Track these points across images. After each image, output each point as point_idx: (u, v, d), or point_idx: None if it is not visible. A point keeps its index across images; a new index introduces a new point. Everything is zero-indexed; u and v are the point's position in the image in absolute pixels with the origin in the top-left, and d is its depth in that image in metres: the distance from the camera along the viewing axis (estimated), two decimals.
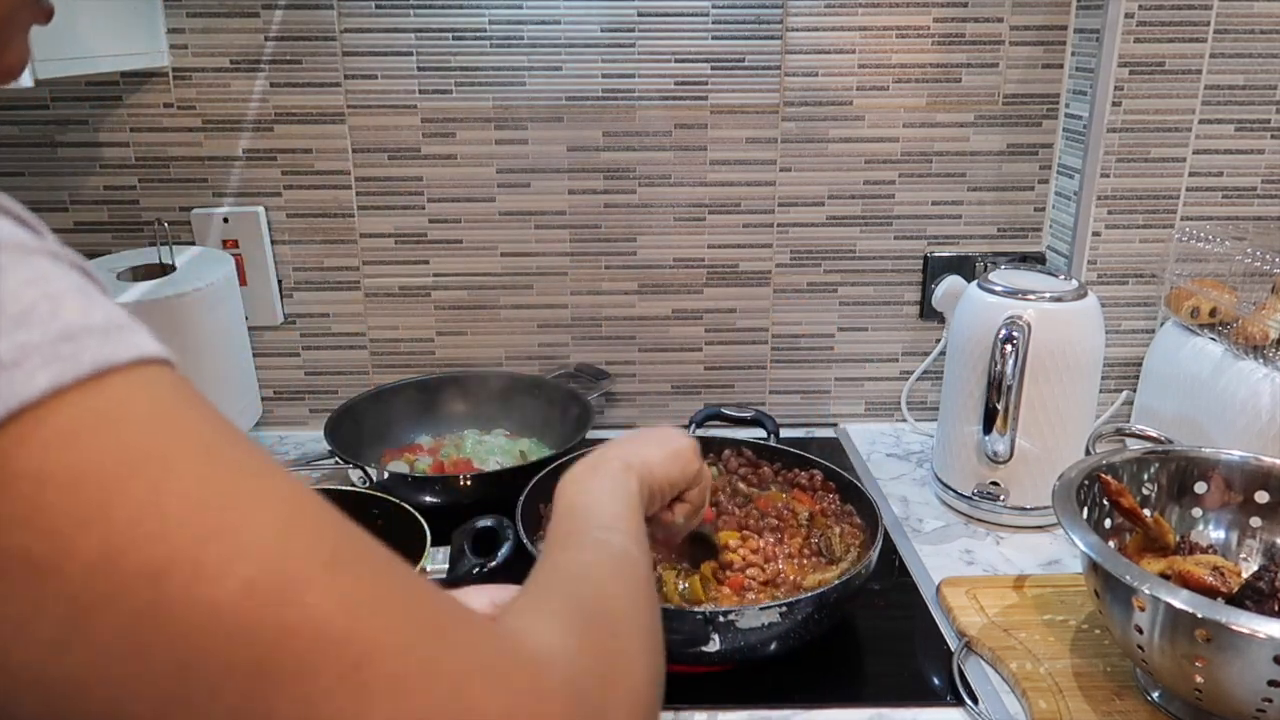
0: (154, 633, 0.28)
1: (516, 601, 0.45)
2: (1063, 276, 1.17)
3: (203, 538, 0.29)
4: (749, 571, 0.96)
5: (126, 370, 0.31)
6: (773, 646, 0.88)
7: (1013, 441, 1.11)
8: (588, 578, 0.50)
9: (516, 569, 0.92)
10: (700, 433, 1.24)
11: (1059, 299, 1.10)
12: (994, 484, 1.15)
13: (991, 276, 1.16)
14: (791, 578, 0.95)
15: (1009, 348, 1.08)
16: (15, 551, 0.28)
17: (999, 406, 1.10)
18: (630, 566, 0.53)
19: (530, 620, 0.42)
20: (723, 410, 1.27)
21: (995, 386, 1.09)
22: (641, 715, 0.43)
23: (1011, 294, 1.11)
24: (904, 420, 1.47)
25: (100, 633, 0.28)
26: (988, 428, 1.11)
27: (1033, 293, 1.11)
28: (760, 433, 1.23)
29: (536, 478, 1.06)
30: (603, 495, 0.61)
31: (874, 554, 0.93)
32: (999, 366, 1.08)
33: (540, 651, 0.38)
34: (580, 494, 0.62)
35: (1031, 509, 1.15)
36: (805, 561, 0.99)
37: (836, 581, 0.89)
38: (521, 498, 1.01)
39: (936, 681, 0.90)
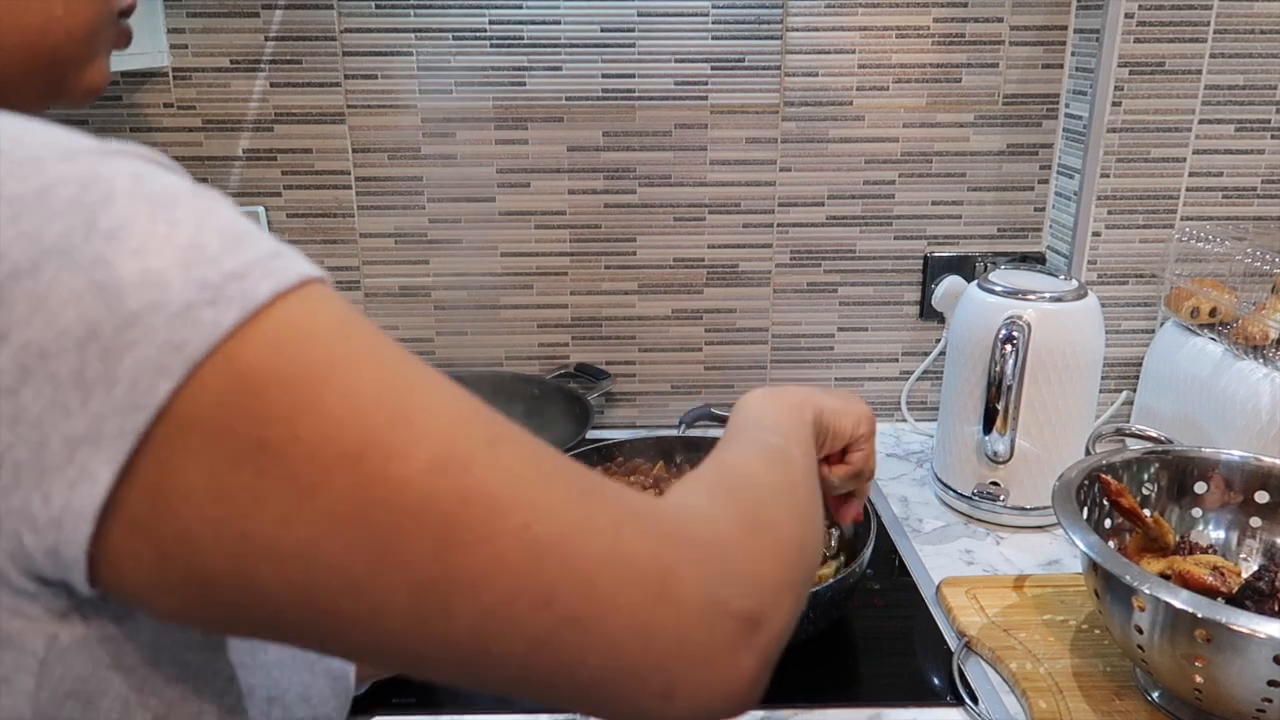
0: (359, 506, 0.33)
1: (672, 484, 0.49)
2: (1063, 276, 1.17)
3: (390, 424, 0.34)
4: None
5: (311, 285, 0.35)
6: None
7: (1013, 441, 1.11)
8: (742, 466, 0.52)
9: None
10: (691, 433, 1.24)
11: (1059, 299, 1.10)
12: (994, 484, 1.15)
13: (991, 276, 1.16)
14: None
15: (1009, 348, 1.07)
16: (250, 438, 0.32)
17: (999, 407, 1.09)
18: (786, 463, 0.55)
19: (678, 491, 0.46)
20: (712, 410, 1.27)
21: (995, 386, 1.09)
22: (787, 575, 0.44)
23: (1011, 294, 1.11)
24: (904, 420, 1.47)
25: (317, 508, 0.33)
26: (988, 428, 1.11)
27: (1033, 293, 1.11)
28: None
29: None
30: (778, 414, 0.61)
31: (867, 552, 0.93)
32: (999, 366, 1.08)
33: (684, 507, 0.43)
34: (753, 409, 0.62)
35: (1030, 509, 1.15)
36: None
37: (832, 580, 0.89)
38: None
39: (936, 681, 0.90)
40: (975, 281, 1.18)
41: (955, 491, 1.19)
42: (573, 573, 0.35)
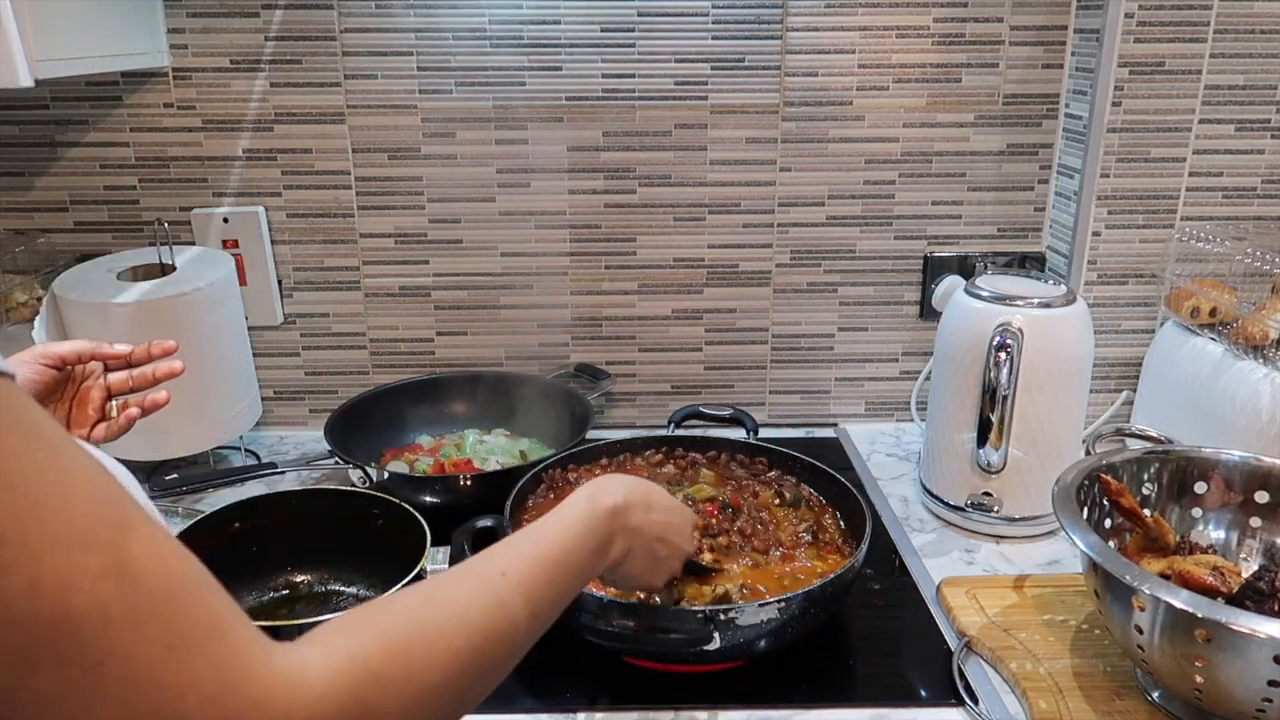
0: None
1: (349, 617, 0.48)
2: (1051, 281, 1.16)
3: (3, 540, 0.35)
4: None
5: None
6: (773, 643, 0.88)
7: (1006, 452, 1.10)
8: (439, 624, 0.51)
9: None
10: (680, 432, 1.24)
11: (1047, 304, 1.08)
12: (987, 494, 1.13)
13: (979, 281, 1.14)
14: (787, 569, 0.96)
15: (1003, 355, 1.06)
16: None
17: (993, 417, 1.08)
18: (503, 626, 0.54)
19: (322, 648, 0.45)
20: (701, 409, 1.27)
21: (989, 396, 1.07)
22: None
23: (999, 300, 1.09)
24: (908, 420, 1.47)
25: None
26: (982, 439, 1.10)
27: (1020, 298, 1.09)
28: (740, 432, 1.23)
29: (523, 480, 1.07)
30: (568, 554, 0.63)
31: (863, 548, 0.94)
32: (993, 374, 1.06)
33: (286, 683, 0.42)
34: (559, 530, 0.64)
35: (1019, 519, 1.13)
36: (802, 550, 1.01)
37: (831, 575, 0.89)
38: (509, 500, 1.02)
39: (936, 681, 0.90)
40: (962, 287, 1.16)
41: (945, 502, 1.17)
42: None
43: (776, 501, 1.09)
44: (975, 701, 0.86)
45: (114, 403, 0.84)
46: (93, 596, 0.36)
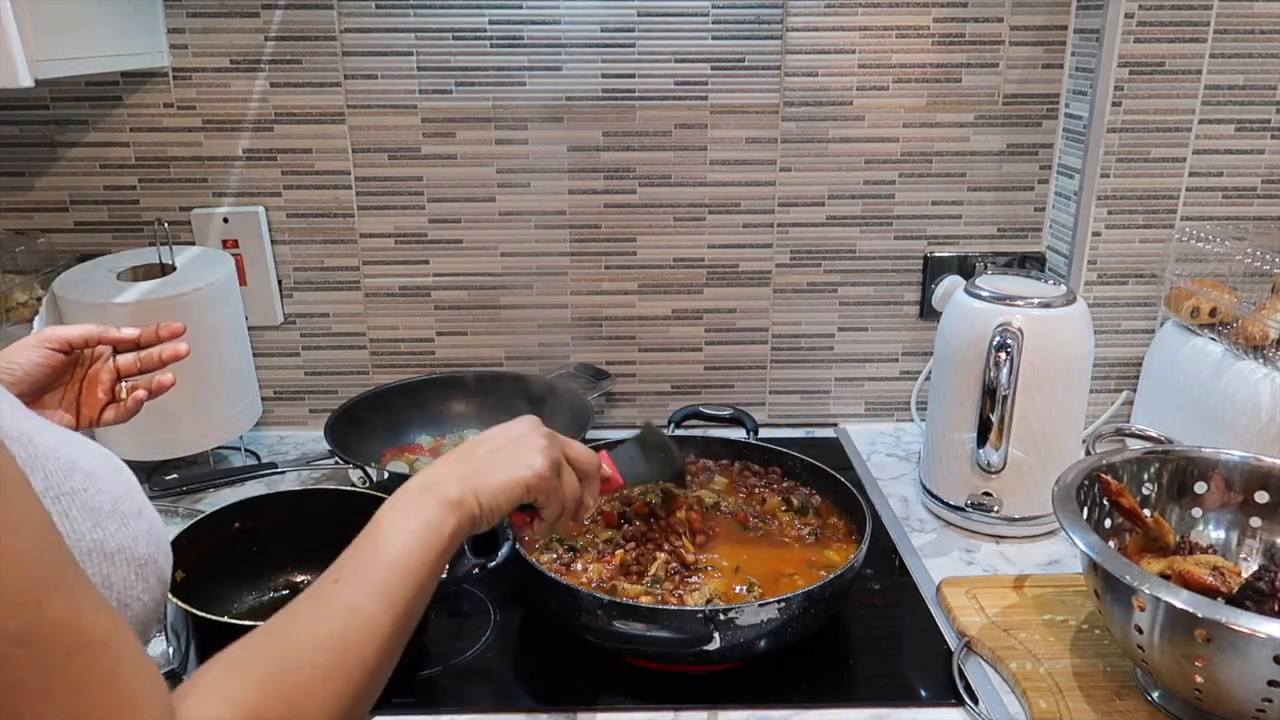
0: None
1: (213, 670, 0.49)
2: (1051, 281, 1.16)
3: None
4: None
5: None
6: (773, 643, 0.88)
7: (1006, 452, 1.10)
8: (299, 649, 0.52)
9: (516, 568, 0.92)
10: (681, 432, 1.24)
11: (1047, 304, 1.08)
12: (987, 494, 1.13)
13: (979, 281, 1.14)
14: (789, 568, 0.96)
15: (1003, 355, 1.06)
16: None
17: (993, 417, 1.08)
18: (358, 628, 0.54)
19: (204, 702, 0.46)
20: (701, 409, 1.26)
21: (990, 396, 1.07)
22: None
23: (999, 300, 1.09)
24: (908, 420, 1.47)
25: None
26: (982, 439, 1.10)
27: (1020, 298, 1.09)
28: (740, 432, 1.23)
29: None
30: (396, 535, 0.61)
31: (863, 548, 0.94)
32: (994, 374, 1.06)
33: None
34: (383, 520, 0.62)
35: (1019, 519, 1.13)
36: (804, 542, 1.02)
37: (831, 575, 0.89)
38: None
39: (936, 681, 0.90)
40: (962, 286, 1.16)
41: (945, 503, 1.17)
42: None
43: (784, 508, 1.08)
44: (975, 701, 0.86)
45: (123, 385, 0.85)
46: (4, 662, 0.36)
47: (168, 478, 1.17)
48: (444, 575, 0.64)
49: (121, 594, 0.48)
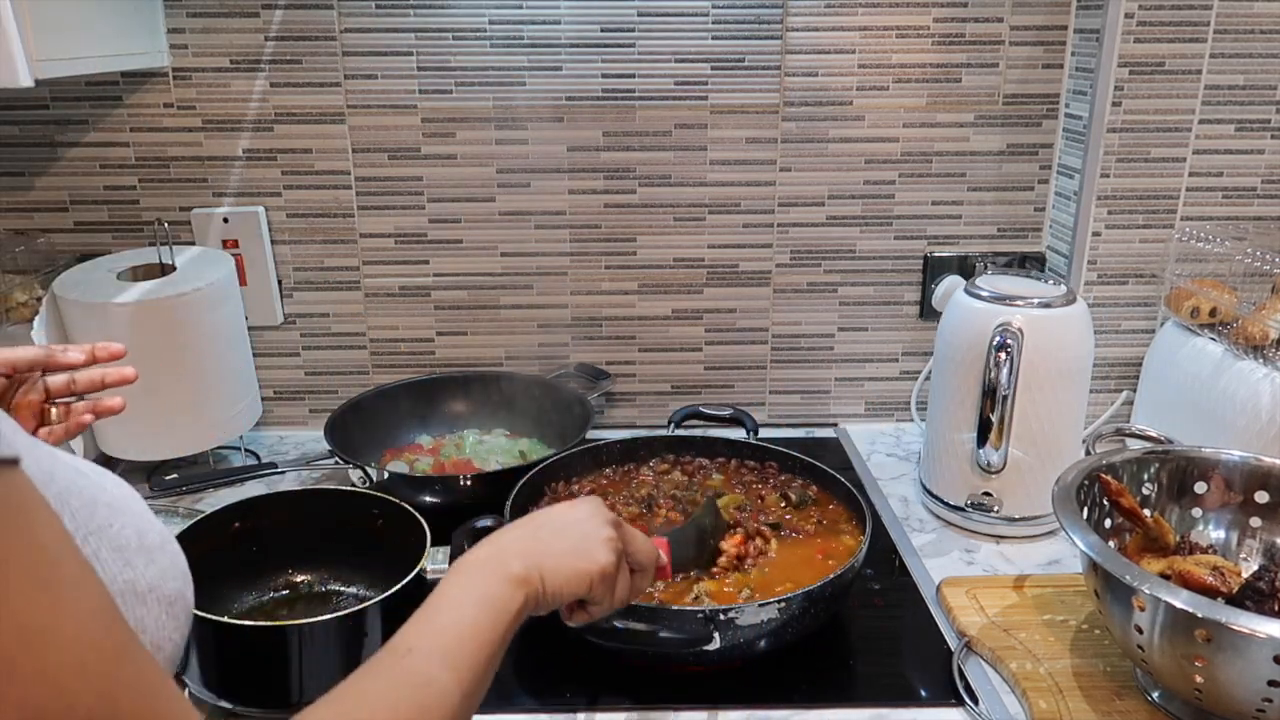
0: None
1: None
2: (1051, 281, 1.16)
3: None
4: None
5: None
6: (773, 643, 0.88)
7: (1006, 452, 1.10)
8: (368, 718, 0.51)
9: None
10: (681, 432, 1.24)
11: (1047, 304, 1.08)
12: (987, 494, 1.13)
13: (979, 281, 1.14)
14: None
15: (1003, 355, 1.06)
16: None
17: (993, 417, 1.08)
18: (434, 701, 0.54)
19: None
20: (701, 409, 1.27)
21: (989, 396, 1.07)
22: None
23: (999, 300, 1.09)
24: (908, 420, 1.47)
25: None
26: (982, 439, 1.10)
27: (1020, 298, 1.09)
28: (740, 432, 1.23)
29: (525, 478, 1.07)
30: (466, 607, 0.60)
31: (864, 548, 0.94)
32: (994, 374, 1.06)
33: None
34: (450, 591, 0.61)
35: (1019, 519, 1.13)
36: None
37: (831, 575, 0.89)
38: (509, 500, 1.02)
39: (936, 681, 0.90)
40: (962, 286, 1.16)
41: (945, 502, 1.17)
42: None
43: (783, 504, 1.09)
44: (975, 701, 0.86)
45: (53, 407, 0.81)
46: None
47: (168, 478, 1.17)
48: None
49: (155, 636, 0.47)
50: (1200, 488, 0.95)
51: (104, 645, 0.36)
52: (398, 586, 0.85)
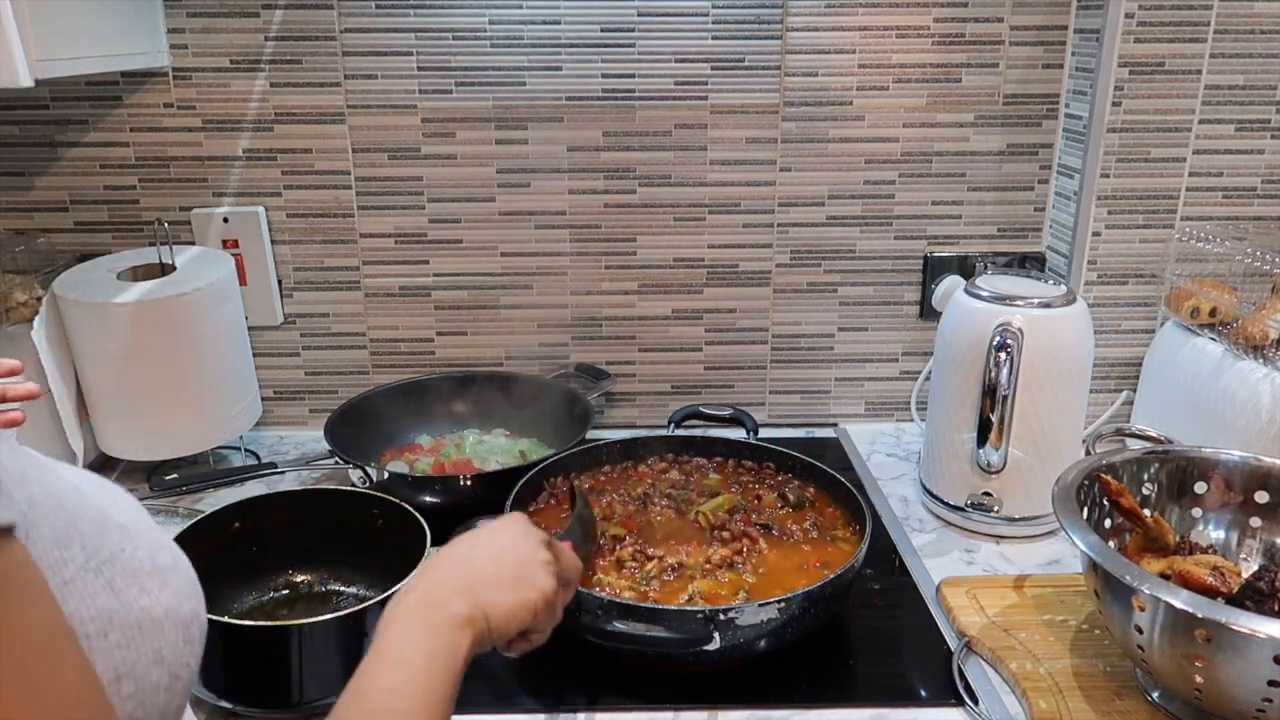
0: None
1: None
2: (1051, 281, 1.16)
3: None
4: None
5: None
6: (773, 643, 0.88)
7: (1006, 452, 1.10)
8: None
9: None
10: (681, 432, 1.24)
11: (1047, 304, 1.08)
12: (987, 494, 1.13)
13: (979, 281, 1.14)
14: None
15: (1003, 355, 1.06)
16: None
17: (993, 417, 1.08)
18: None
19: None
20: (701, 409, 1.27)
21: (990, 396, 1.07)
22: None
23: (999, 300, 1.09)
24: (908, 420, 1.47)
25: None
26: (982, 439, 1.10)
27: (1020, 298, 1.09)
28: (740, 432, 1.23)
29: (525, 478, 1.07)
30: (413, 660, 0.57)
31: (863, 548, 0.94)
32: (994, 374, 1.06)
33: None
34: (393, 646, 0.58)
35: (1019, 519, 1.13)
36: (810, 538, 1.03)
37: (831, 575, 0.89)
38: (509, 500, 1.02)
39: (936, 681, 0.90)
40: (962, 287, 1.16)
41: (945, 502, 1.17)
42: None
43: (780, 505, 1.09)
44: (975, 701, 0.86)
45: None
46: None
47: (168, 478, 1.17)
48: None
49: (173, 665, 0.46)
50: (1200, 488, 0.95)
51: None
52: (398, 586, 0.85)
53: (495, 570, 0.65)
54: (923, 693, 0.89)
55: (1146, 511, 0.91)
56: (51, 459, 0.48)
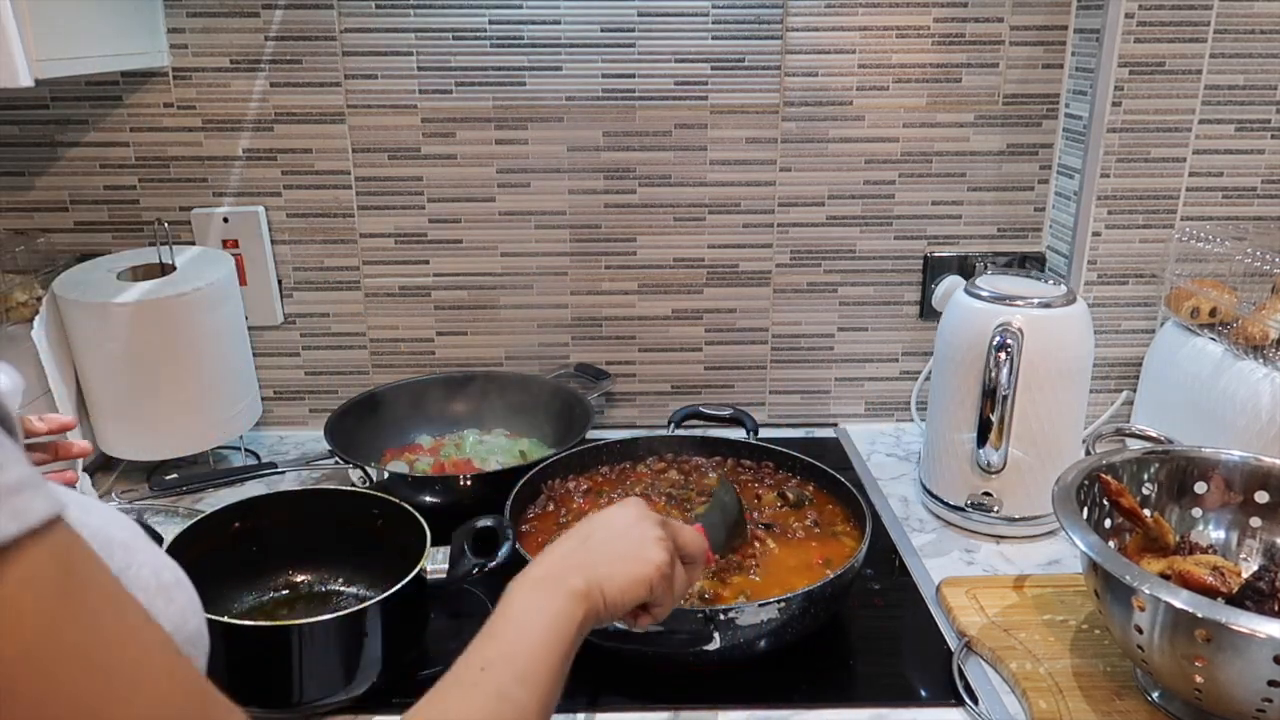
0: None
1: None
2: (1051, 281, 1.15)
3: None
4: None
5: (38, 537, 0.33)
6: (773, 643, 0.88)
7: (1006, 452, 1.10)
8: None
9: (515, 569, 0.92)
10: (681, 432, 1.24)
11: (1048, 304, 1.08)
12: (987, 494, 1.13)
13: (979, 281, 1.14)
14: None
15: (1003, 355, 1.06)
16: None
17: (993, 417, 1.08)
18: (509, 714, 0.55)
19: None
20: (701, 409, 1.26)
21: (990, 396, 1.07)
22: None
23: (999, 300, 1.09)
24: (908, 420, 1.47)
25: None
26: (982, 439, 1.09)
27: (1020, 298, 1.09)
28: (740, 432, 1.23)
29: (525, 478, 1.07)
30: (532, 623, 0.61)
31: (863, 548, 0.94)
32: (994, 374, 1.06)
33: None
34: (514, 610, 0.62)
35: (1019, 519, 1.13)
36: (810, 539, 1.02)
37: (831, 575, 0.89)
38: (509, 500, 1.02)
39: (936, 681, 0.90)
40: (962, 287, 1.16)
41: (945, 503, 1.17)
42: None
43: (780, 504, 1.09)
44: (975, 701, 0.86)
45: None
46: None
47: (168, 478, 1.17)
48: (445, 576, 0.63)
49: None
50: (1200, 488, 0.95)
51: (190, 707, 0.36)
52: (398, 586, 0.85)
53: (609, 547, 0.69)
54: (923, 693, 0.89)
55: (1146, 511, 0.91)
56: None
